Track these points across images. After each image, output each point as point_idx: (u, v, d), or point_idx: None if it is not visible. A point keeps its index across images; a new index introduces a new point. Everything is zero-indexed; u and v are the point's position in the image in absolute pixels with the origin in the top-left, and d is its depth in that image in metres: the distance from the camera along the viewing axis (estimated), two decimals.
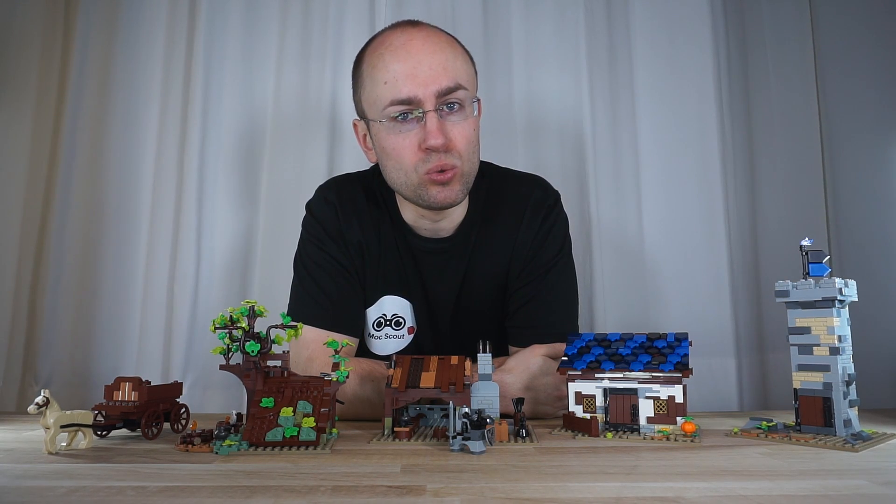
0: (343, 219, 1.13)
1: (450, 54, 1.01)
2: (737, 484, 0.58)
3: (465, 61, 1.04)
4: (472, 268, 1.14)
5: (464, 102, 1.01)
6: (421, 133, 0.99)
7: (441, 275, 1.14)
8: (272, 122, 1.60)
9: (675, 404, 0.81)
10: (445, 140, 0.98)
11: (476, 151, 1.06)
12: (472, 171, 1.06)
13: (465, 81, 1.01)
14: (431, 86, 0.97)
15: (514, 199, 1.14)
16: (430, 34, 1.02)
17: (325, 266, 1.11)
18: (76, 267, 1.56)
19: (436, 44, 1.00)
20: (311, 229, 1.14)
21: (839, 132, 1.58)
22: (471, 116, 1.03)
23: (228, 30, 1.62)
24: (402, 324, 1.14)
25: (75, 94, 1.58)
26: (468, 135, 1.02)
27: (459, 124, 1.01)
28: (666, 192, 1.60)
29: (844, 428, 0.78)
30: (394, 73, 0.99)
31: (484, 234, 1.14)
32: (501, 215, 1.14)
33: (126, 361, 1.54)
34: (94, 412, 0.81)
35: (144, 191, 1.59)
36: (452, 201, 1.03)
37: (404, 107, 0.99)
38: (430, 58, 0.98)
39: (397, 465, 0.67)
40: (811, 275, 0.82)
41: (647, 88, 1.62)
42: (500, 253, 1.13)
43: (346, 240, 1.12)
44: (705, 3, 1.62)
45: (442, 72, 0.98)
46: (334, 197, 1.14)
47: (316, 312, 1.08)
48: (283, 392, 0.80)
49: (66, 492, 0.57)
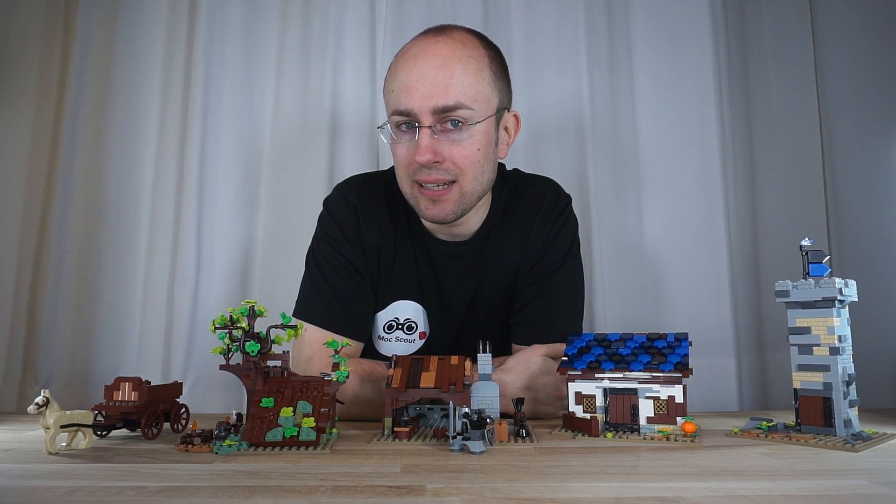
0: (364, 223, 1.12)
1: (459, 70, 0.97)
2: (737, 484, 0.58)
3: (478, 78, 0.99)
4: (487, 270, 1.13)
5: (465, 121, 0.98)
6: (414, 146, 0.99)
7: (457, 279, 1.13)
8: (272, 122, 1.60)
9: (675, 404, 0.81)
10: (433, 157, 0.97)
11: (483, 171, 1.03)
12: (476, 191, 1.03)
13: (471, 101, 0.97)
14: (428, 101, 0.96)
15: (526, 202, 1.14)
16: (446, 46, 0.99)
17: (337, 267, 1.10)
18: (76, 267, 1.56)
19: (447, 58, 0.97)
20: (328, 228, 1.13)
21: (839, 132, 1.58)
22: (475, 136, 0.99)
23: (228, 30, 1.62)
24: (414, 329, 1.13)
25: (75, 94, 1.58)
26: (468, 154, 0.99)
27: (459, 143, 0.99)
28: (666, 191, 1.60)
29: (844, 428, 0.78)
30: (400, 82, 0.99)
31: (498, 237, 1.13)
32: (514, 218, 1.14)
33: (126, 361, 1.54)
34: (94, 412, 0.81)
35: (144, 191, 1.60)
36: (442, 219, 1.03)
37: (403, 118, 0.99)
38: (435, 73, 0.96)
39: (397, 465, 0.67)
40: (811, 275, 0.82)
41: (647, 88, 1.62)
42: (512, 255, 1.13)
43: (365, 244, 1.11)
44: (705, 4, 1.62)
45: (443, 89, 0.96)
46: (355, 199, 1.13)
47: (323, 313, 1.08)
48: (283, 392, 0.80)
49: (66, 492, 0.57)
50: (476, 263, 1.13)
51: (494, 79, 1.03)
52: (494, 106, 1.03)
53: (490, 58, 1.03)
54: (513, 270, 1.13)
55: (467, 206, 1.04)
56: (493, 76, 1.02)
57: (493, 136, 1.04)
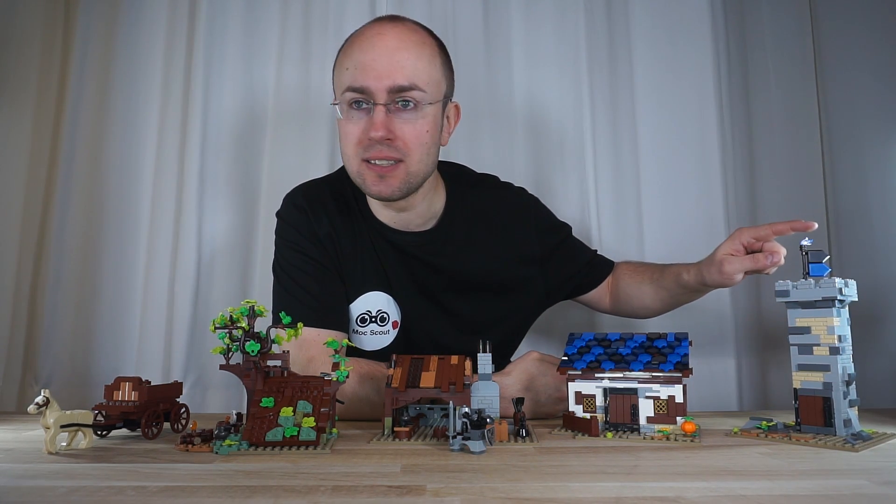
0: (314, 218, 1.15)
1: (414, 53, 1.02)
2: (737, 484, 0.58)
3: (431, 63, 1.04)
4: (468, 263, 1.17)
5: (418, 103, 1.02)
6: (368, 123, 1.02)
7: (427, 269, 1.16)
8: (272, 121, 1.60)
9: (675, 404, 0.82)
10: (387, 133, 1.00)
11: (429, 153, 1.06)
12: (420, 172, 1.06)
13: (424, 84, 1.02)
14: (385, 80, 0.99)
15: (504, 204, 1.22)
16: (402, 31, 1.03)
17: (304, 267, 1.13)
18: (76, 267, 1.56)
19: (403, 41, 1.02)
20: (285, 234, 1.16)
21: (839, 132, 1.58)
22: (426, 117, 1.03)
23: (228, 30, 1.61)
24: (387, 319, 1.15)
25: (75, 94, 1.58)
26: (418, 133, 1.03)
27: (410, 122, 1.02)
28: (666, 191, 1.60)
29: (844, 428, 0.78)
30: (355, 61, 1.02)
31: (477, 234, 1.18)
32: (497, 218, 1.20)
33: (126, 361, 1.54)
34: (94, 412, 0.81)
35: (145, 190, 1.59)
36: (388, 196, 1.05)
37: (357, 95, 1.02)
38: (392, 54, 1.00)
39: (397, 465, 0.67)
40: (811, 275, 0.82)
41: (647, 89, 1.62)
42: (502, 250, 1.19)
43: (319, 237, 1.14)
44: (705, 4, 1.62)
45: (399, 69, 1.00)
46: (302, 200, 1.16)
47: (304, 313, 1.08)
48: (283, 392, 0.80)
49: (66, 492, 0.57)
50: (447, 256, 1.16)
51: (444, 67, 1.09)
52: (443, 92, 1.08)
53: (439, 47, 1.09)
54: (507, 262, 1.19)
55: (412, 186, 1.06)
56: (443, 64, 1.09)
57: (440, 121, 1.09)
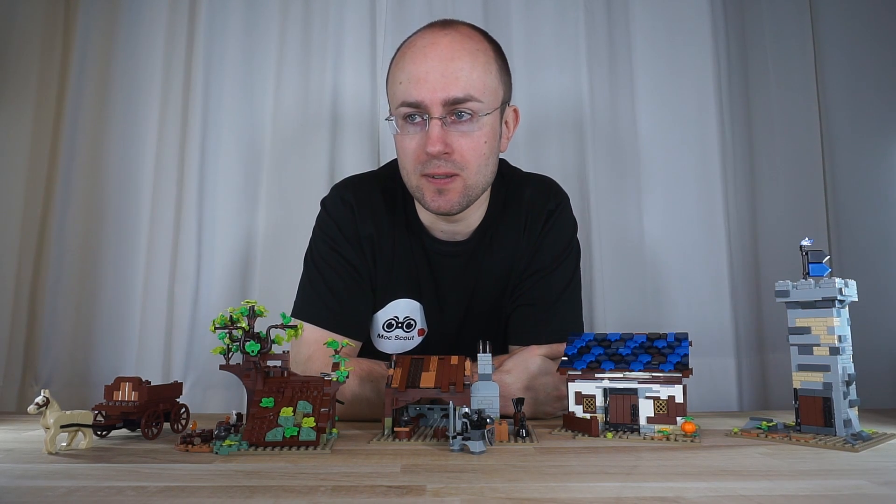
0: (360, 217, 1.12)
1: (469, 63, 0.98)
2: (737, 484, 0.58)
3: (486, 71, 1.00)
4: (484, 271, 1.14)
5: (475, 114, 0.99)
6: (424, 137, 0.99)
7: (455, 278, 1.13)
8: (273, 121, 1.60)
9: (675, 404, 0.81)
10: (444, 148, 0.98)
11: (487, 164, 1.03)
12: (479, 184, 1.04)
13: (480, 93, 0.98)
14: (439, 93, 0.97)
15: (519, 204, 1.14)
16: (455, 39, 1.00)
17: (335, 267, 1.11)
18: (76, 267, 1.56)
19: (457, 50, 0.98)
20: (326, 227, 1.14)
21: (839, 132, 1.58)
22: (483, 128, 1.00)
23: (228, 29, 1.62)
24: (413, 326, 1.14)
25: (75, 94, 1.58)
26: (476, 146, 1.00)
27: (468, 134, 0.99)
28: (666, 191, 1.60)
29: (844, 428, 0.78)
30: (409, 74, 0.99)
31: (495, 237, 1.14)
32: (509, 220, 1.14)
33: (126, 361, 1.54)
34: (94, 412, 0.81)
35: (145, 191, 1.59)
36: (447, 210, 1.03)
37: (412, 109, 0.99)
38: (445, 65, 0.97)
39: (397, 465, 0.67)
40: (811, 275, 0.82)
41: (647, 88, 1.62)
42: (507, 255, 1.14)
43: (361, 237, 1.12)
44: (705, 4, 1.62)
45: (453, 81, 0.97)
46: (351, 196, 1.13)
47: (322, 313, 1.08)
48: (283, 392, 0.80)
49: (66, 492, 0.57)
50: (472, 263, 1.13)
51: (500, 72, 1.04)
52: (500, 99, 1.04)
53: (495, 52, 1.05)
54: (507, 272, 1.14)
55: (471, 199, 1.04)
56: (499, 70, 1.04)
57: (499, 129, 1.05)
